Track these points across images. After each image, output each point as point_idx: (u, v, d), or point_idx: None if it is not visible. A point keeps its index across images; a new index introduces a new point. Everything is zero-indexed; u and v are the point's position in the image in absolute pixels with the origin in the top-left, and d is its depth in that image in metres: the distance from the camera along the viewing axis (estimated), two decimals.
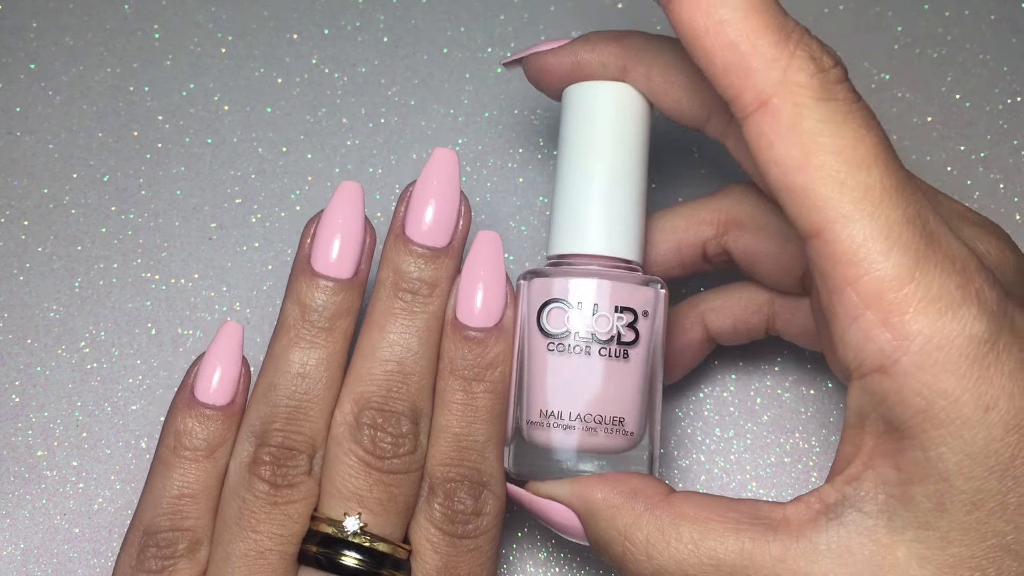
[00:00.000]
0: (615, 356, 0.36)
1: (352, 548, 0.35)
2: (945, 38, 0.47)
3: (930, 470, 0.30)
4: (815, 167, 0.31)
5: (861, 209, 0.30)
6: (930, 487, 0.30)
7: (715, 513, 0.33)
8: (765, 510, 0.33)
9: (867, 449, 0.32)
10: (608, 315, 0.36)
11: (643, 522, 0.34)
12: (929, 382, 0.30)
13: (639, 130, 0.38)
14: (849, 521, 0.32)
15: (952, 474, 0.30)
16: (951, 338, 0.30)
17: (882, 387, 0.30)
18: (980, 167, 0.46)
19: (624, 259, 0.37)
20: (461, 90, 0.47)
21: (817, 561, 0.31)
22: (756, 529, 0.33)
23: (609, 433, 0.36)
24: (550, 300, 0.36)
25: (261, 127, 0.47)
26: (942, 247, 0.31)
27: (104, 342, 0.44)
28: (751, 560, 0.32)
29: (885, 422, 0.31)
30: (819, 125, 0.31)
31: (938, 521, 0.30)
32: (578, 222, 0.37)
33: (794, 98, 0.31)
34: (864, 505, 0.31)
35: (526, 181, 0.46)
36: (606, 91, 0.37)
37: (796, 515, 0.33)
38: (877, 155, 0.31)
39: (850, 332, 0.31)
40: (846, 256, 0.30)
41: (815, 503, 0.32)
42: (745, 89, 0.31)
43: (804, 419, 0.44)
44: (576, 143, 0.37)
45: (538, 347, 0.36)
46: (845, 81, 0.32)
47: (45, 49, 0.47)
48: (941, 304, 0.30)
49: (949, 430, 0.30)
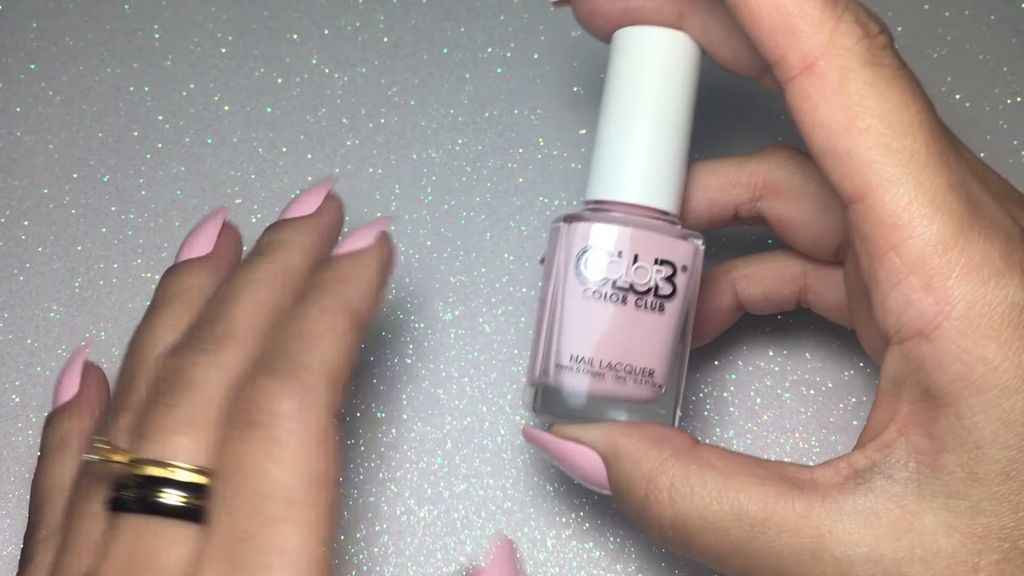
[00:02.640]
0: (651, 308, 0.36)
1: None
2: (945, 38, 0.47)
3: (965, 438, 0.30)
4: (860, 130, 0.31)
5: (906, 173, 0.30)
6: (963, 455, 0.30)
7: (741, 467, 0.33)
8: (792, 470, 0.33)
9: (901, 416, 0.32)
10: (647, 267, 0.36)
11: (669, 466, 0.34)
12: (969, 348, 0.30)
13: (689, 80, 0.37)
14: (877, 487, 0.31)
15: (987, 442, 0.30)
16: (994, 305, 0.30)
17: (921, 352, 0.30)
18: None
19: (663, 210, 0.37)
20: (461, 90, 0.47)
21: (841, 521, 0.31)
22: (782, 485, 0.33)
23: (638, 383, 0.36)
24: (590, 246, 0.36)
25: (261, 127, 0.47)
26: (986, 216, 0.31)
27: (104, 342, 0.44)
28: (773, 513, 0.32)
29: (921, 389, 0.31)
30: (865, 88, 0.31)
31: (969, 490, 0.30)
32: (620, 168, 0.37)
33: (840, 61, 0.31)
34: (894, 472, 0.31)
35: (526, 181, 0.46)
36: (658, 37, 0.37)
37: (823, 478, 0.32)
38: (922, 121, 0.31)
39: (891, 296, 0.31)
40: (890, 220, 0.30)
41: (844, 468, 0.32)
42: (791, 51, 0.31)
43: (804, 419, 0.44)
44: (623, 88, 0.37)
45: (573, 292, 0.36)
46: (891, 47, 0.32)
47: (45, 49, 0.47)
48: (985, 271, 0.30)
49: (987, 397, 0.30)
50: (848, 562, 0.31)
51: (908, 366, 0.31)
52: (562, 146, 0.46)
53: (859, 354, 0.44)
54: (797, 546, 0.32)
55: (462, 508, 0.43)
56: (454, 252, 0.45)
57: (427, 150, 0.46)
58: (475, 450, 0.43)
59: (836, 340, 0.44)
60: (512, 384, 0.44)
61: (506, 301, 0.45)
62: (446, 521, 0.43)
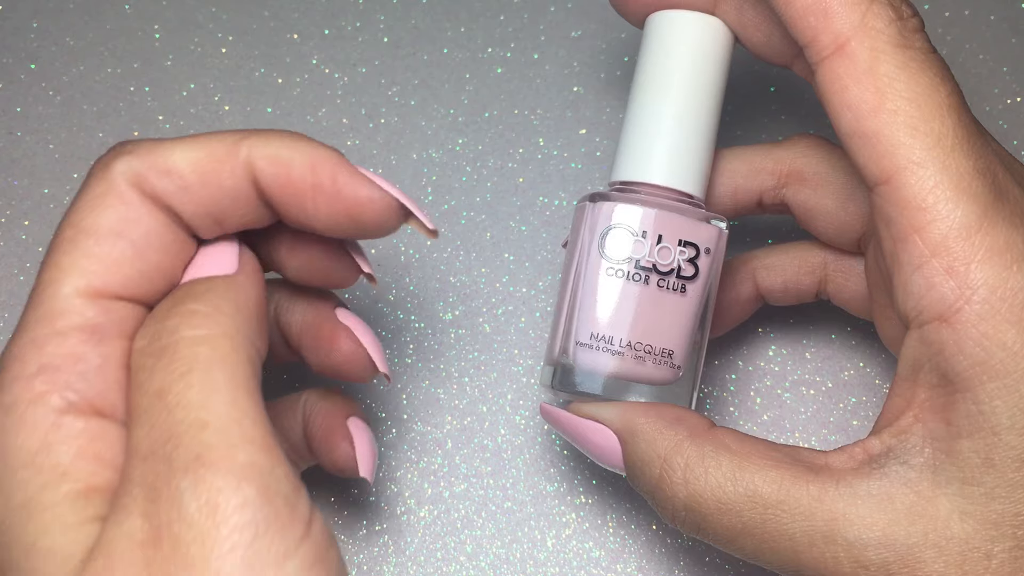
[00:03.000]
0: (673, 289, 0.36)
1: None
2: (945, 38, 0.47)
3: (982, 423, 0.30)
4: (889, 112, 0.31)
5: (933, 156, 0.30)
6: (979, 441, 0.30)
7: (756, 449, 0.33)
8: (806, 454, 0.33)
9: (918, 402, 0.32)
10: (671, 247, 0.36)
11: (684, 447, 0.34)
12: (990, 333, 0.30)
13: (721, 66, 0.37)
14: (892, 472, 0.32)
15: (1004, 429, 0.30)
16: (1016, 291, 0.30)
17: (941, 336, 0.30)
18: None
19: (688, 193, 0.37)
20: (461, 90, 0.47)
21: (855, 504, 0.31)
22: (797, 469, 0.33)
23: (657, 364, 0.36)
24: (614, 225, 0.36)
25: (261, 127, 0.47)
26: (1011, 201, 0.31)
27: None
28: (788, 495, 0.32)
29: (939, 374, 0.31)
30: (895, 71, 0.31)
31: (984, 476, 0.30)
32: (648, 150, 0.37)
33: (872, 42, 0.31)
34: (910, 458, 0.31)
35: (526, 181, 0.46)
36: (692, 22, 0.37)
37: (839, 463, 0.33)
38: (951, 105, 0.31)
39: (913, 279, 0.31)
40: (915, 202, 0.30)
41: (859, 453, 0.32)
42: (823, 31, 0.31)
43: (804, 419, 0.44)
44: (655, 72, 0.37)
45: (596, 270, 0.36)
46: (922, 31, 0.32)
47: (46, 49, 0.47)
48: (1008, 256, 0.30)
49: (1006, 383, 0.30)
50: (861, 545, 0.31)
51: (927, 350, 0.31)
52: (562, 146, 0.46)
53: (859, 354, 0.44)
54: (810, 529, 0.32)
55: (462, 508, 0.43)
56: (454, 252, 0.45)
57: (427, 150, 0.46)
58: (475, 450, 0.43)
59: (836, 340, 0.44)
60: (512, 384, 0.44)
61: (506, 301, 0.45)
62: (446, 521, 0.43)
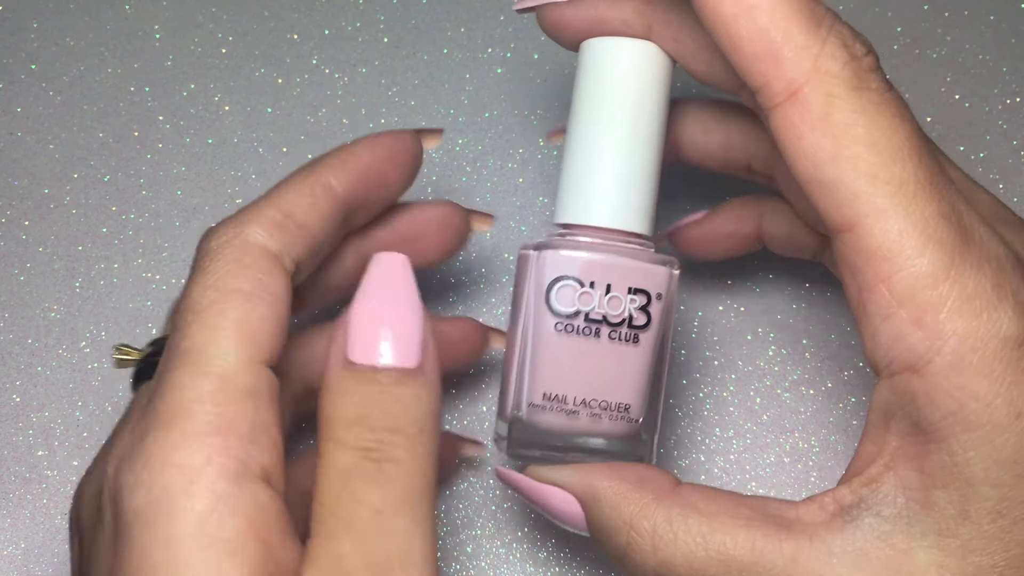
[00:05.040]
0: (625, 340, 0.35)
1: None
2: (945, 38, 0.47)
3: (956, 475, 0.29)
4: (847, 159, 0.29)
5: (895, 203, 0.29)
6: (954, 492, 0.29)
7: (725, 507, 0.32)
8: (776, 507, 0.32)
9: (890, 450, 0.31)
10: (621, 296, 0.34)
11: (650, 511, 0.32)
12: (962, 384, 0.29)
13: (660, 93, 0.35)
14: (865, 525, 0.31)
15: (979, 480, 0.29)
16: (986, 340, 0.29)
17: (912, 387, 0.30)
18: (980, 167, 0.46)
19: (636, 233, 0.35)
20: (461, 90, 0.47)
21: (831, 564, 0.30)
22: (768, 527, 0.31)
23: (613, 420, 0.35)
24: (560, 277, 0.34)
25: (261, 127, 0.47)
26: (977, 244, 0.30)
27: (105, 342, 0.44)
28: (762, 557, 0.31)
29: (911, 423, 0.30)
30: (852, 116, 0.30)
31: (960, 528, 0.29)
32: (589, 190, 0.35)
33: (826, 88, 0.30)
34: (882, 509, 0.31)
35: (526, 181, 0.46)
36: (626, 49, 0.35)
37: (809, 516, 0.31)
38: (911, 147, 0.30)
39: (881, 330, 0.30)
40: (880, 252, 0.29)
41: (830, 504, 0.31)
42: (775, 78, 0.30)
43: (804, 419, 0.44)
44: (592, 104, 0.35)
45: (545, 326, 0.34)
46: (878, 70, 0.31)
47: (46, 49, 0.47)
48: (976, 304, 0.29)
49: (979, 434, 0.29)
50: None
51: (899, 400, 0.30)
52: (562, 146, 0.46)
53: (859, 354, 0.44)
54: None
55: (462, 508, 0.43)
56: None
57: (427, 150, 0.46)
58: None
59: (836, 340, 0.44)
60: None
61: (506, 301, 0.45)
62: (446, 521, 0.43)
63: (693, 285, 0.44)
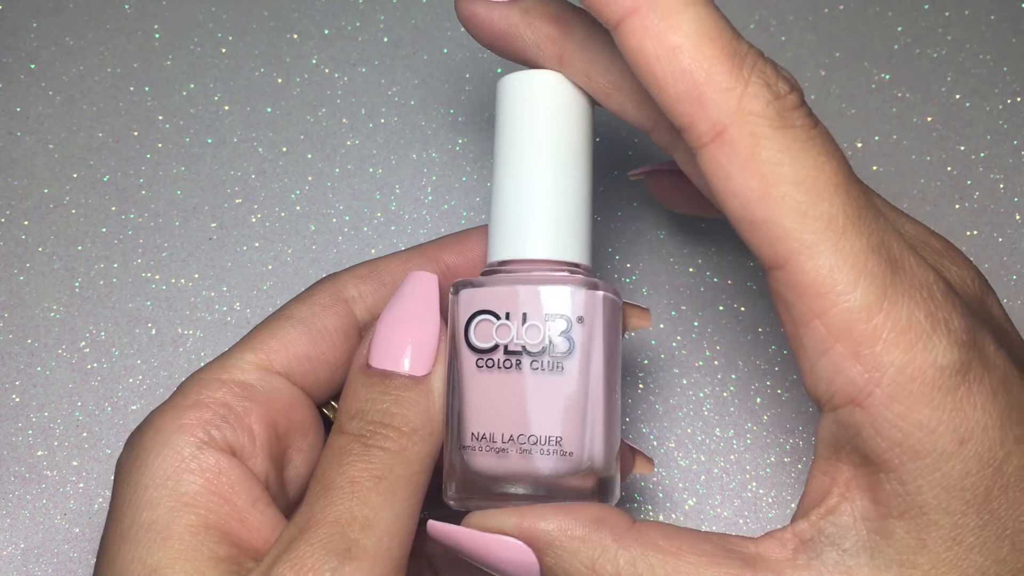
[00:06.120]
0: (548, 369, 0.33)
1: None
2: (945, 38, 0.47)
3: (910, 503, 0.29)
4: (776, 198, 0.29)
5: (825, 239, 0.29)
6: (910, 522, 0.30)
7: (687, 545, 0.31)
8: (736, 544, 0.32)
9: (843, 480, 0.31)
10: (539, 324, 0.33)
11: (611, 554, 0.31)
12: (904, 414, 0.29)
13: (575, 119, 0.35)
14: (829, 560, 0.30)
15: (931, 508, 0.29)
16: (923, 369, 0.29)
17: (856, 419, 0.30)
18: (980, 167, 0.46)
19: (567, 262, 0.34)
20: (461, 90, 0.47)
21: None
22: (732, 564, 0.31)
23: (545, 454, 0.33)
24: (477, 312, 0.33)
25: (261, 127, 0.47)
26: (908, 274, 0.30)
27: (104, 342, 0.44)
28: None
29: (860, 454, 0.30)
30: (778, 155, 0.30)
31: (919, 558, 0.30)
32: (513, 226, 0.34)
33: (751, 128, 0.30)
34: (843, 541, 0.30)
35: None
36: (539, 82, 0.35)
37: (772, 552, 0.31)
38: (839, 183, 0.30)
39: (820, 365, 0.30)
40: (812, 288, 0.29)
41: (790, 540, 0.31)
42: (699, 119, 0.30)
43: (804, 419, 0.44)
44: (511, 139, 0.35)
45: (467, 364, 0.33)
46: (802, 106, 0.30)
47: (45, 49, 0.47)
48: (911, 335, 0.29)
49: (927, 463, 0.29)
50: None
51: (845, 432, 0.30)
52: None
53: None
54: None
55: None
56: None
57: (427, 150, 0.46)
58: None
59: None
60: None
61: None
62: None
63: (693, 285, 0.44)
